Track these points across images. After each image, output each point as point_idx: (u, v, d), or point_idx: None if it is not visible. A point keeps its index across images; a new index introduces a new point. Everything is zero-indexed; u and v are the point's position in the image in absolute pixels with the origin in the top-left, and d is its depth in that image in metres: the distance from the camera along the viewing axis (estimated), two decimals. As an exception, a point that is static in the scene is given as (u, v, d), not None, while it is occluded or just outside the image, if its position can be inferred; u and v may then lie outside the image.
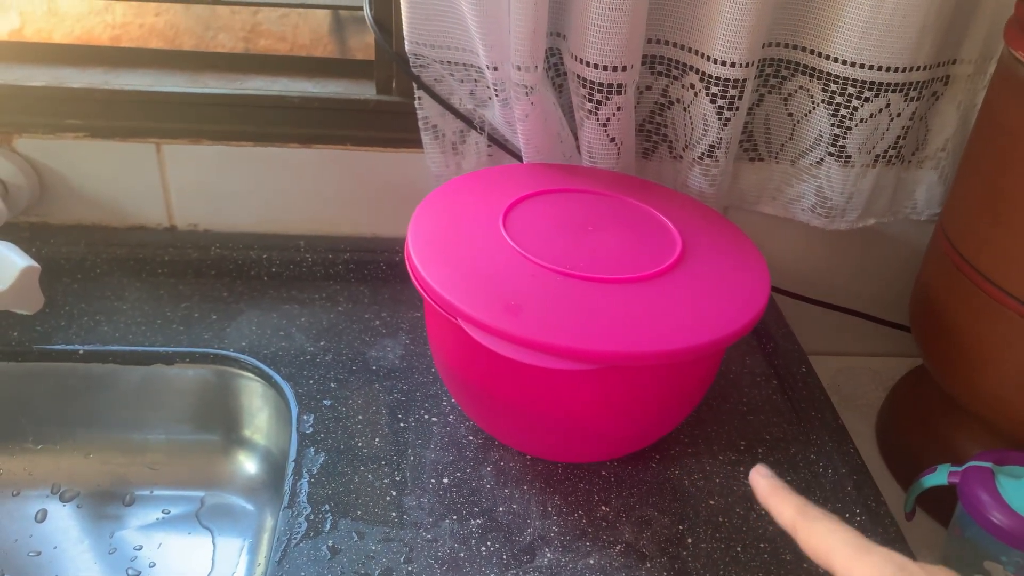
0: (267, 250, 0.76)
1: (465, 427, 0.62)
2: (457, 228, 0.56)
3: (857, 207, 0.73)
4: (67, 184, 0.74)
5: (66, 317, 0.70)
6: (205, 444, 0.70)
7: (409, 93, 0.69)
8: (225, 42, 0.79)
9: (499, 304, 0.49)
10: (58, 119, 0.71)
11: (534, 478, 0.58)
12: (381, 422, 0.62)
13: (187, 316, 0.71)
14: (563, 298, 0.50)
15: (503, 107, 0.65)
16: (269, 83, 0.74)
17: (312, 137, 0.73)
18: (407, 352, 0.69)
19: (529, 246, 0.54)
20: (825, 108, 0.68)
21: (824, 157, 0.70)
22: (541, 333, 0.47)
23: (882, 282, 0.83)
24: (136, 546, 0.65)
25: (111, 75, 0.73)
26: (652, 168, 0.74)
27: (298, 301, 0.74)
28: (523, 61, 0.60)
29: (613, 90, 0.63)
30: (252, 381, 0.67)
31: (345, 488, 0.56)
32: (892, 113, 0.67)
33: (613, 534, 0.55)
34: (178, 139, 0.72)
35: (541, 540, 0.54)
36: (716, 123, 0.66)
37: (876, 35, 0.63)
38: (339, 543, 0.52)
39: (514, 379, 0.51)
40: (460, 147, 0.71)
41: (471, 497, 0.56)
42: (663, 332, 0.48)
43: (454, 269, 0.51)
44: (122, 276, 0.75)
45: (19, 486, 0.68)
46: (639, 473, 0.59)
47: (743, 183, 0.75)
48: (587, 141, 0.67)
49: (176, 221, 0.77)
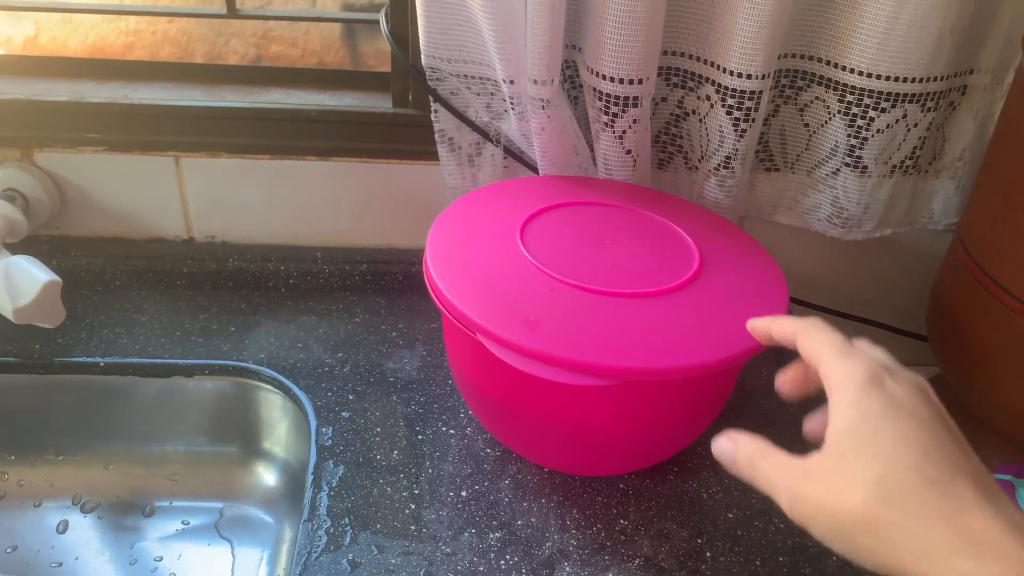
0: (284, 262, 0.76)
1: (483, 439, 0.62)
2: (475, 242, 0.56)
3: (874, 217, 0.72)
4: (87, 197, 0.74)
5: (86, 329, 0.70)
6: (224, 456, 0.71)
7: (425, 106, 0.69)
8: (237, 48, 0.80)
9: (517, 319, 0.49)
10: (78, 133, 0.71)
11: (552, 491, 0.58)
12: (399, 434, 0.62)
13: (205, 328, 0.71)
14: (581, 313, 0.50)
15: (519, 120, 0.66)
16: (285, 95, 0.74)
17: (329, 150, 0.73)
18: (424, 363, 0.69)
19: (547, 260, 0.54)
20: (841, 119, 0.68)
21: (840, 167, 0.70)
22: (560, 348, 0.47)
23: (899, 292, 0.83)
24: (156, 557, 0.66)
25: (129, 89, 0.73)
26: (667, 179, 0.74)
27: (315, 312, 0.74)
28: (539, 75, 0.61)
29: (629, 103, 0.63)
30: (271, 393, 0.67)
31: (364, 501, 0.56)
32: (909, 123, 0.67)
33: (632, 548, 0.55)
34: (196, 152, 0.73)
35: (560, 554, 0.54)
36: (732, 134, 0.66)
37: (893, 46, 0.63)
38: (359, 557, 0.52)
39: (532, 393, 0.52)
40: (476, 159, 0.71)
41: (489, 510, 0.56)
42: (682, 347, 0.48)
43: (472, 283, 0.52)
44: (141, 288, 0.76)
45: (41, 497, 0.69)
46: (657, 486, 0.59)
47: (759, 193, 0.75)
48: (603, 153, 0.67)
49: (194, 233, 0.77)
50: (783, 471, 0.36)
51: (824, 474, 0.34)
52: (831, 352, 0.37)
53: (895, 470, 0.33)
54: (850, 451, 0.34)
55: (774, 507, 0.57)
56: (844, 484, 0.33)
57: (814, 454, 0.36)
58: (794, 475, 0.36)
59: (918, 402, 0.35)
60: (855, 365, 0.36)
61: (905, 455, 0.33)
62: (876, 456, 0.33)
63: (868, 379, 0.35)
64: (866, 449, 0.33)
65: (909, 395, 0.35)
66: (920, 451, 0.33)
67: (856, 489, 0.33)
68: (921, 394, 0.35)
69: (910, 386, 0.36)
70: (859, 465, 0.33)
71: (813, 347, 0.39)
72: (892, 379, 0.35)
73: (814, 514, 0.34)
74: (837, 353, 0.37)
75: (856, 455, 0.34)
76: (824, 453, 0.35)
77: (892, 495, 0.32)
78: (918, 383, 0.36)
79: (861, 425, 0.34)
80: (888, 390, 0.35)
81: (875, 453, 0.33)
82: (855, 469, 0.33)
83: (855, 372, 0.36)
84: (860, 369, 0.36)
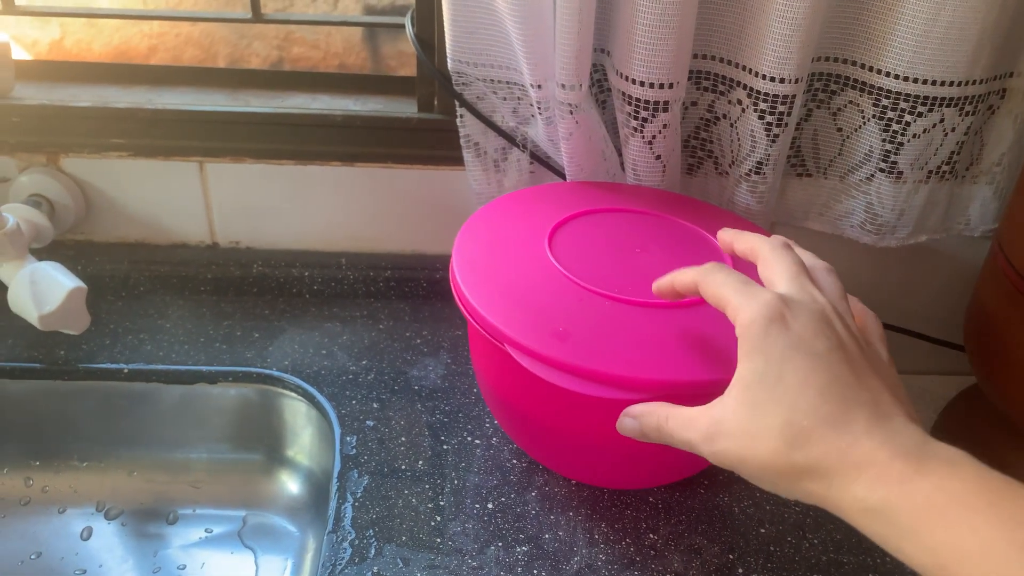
0: (309, 268, 0.76)
1: (508, 450, 0.61)
2: (502, 250, 0.55)
3: (908, 224, 0.71)
4: (111, 202, 0.74)
5: (110, 335, 0.70)
6: (247, 463, 0.70)
7: (451, 111, 0.69)
8: (260, 51, 0.80)
9: (546, 330, 0.48)
10: (103, 138, 0.71)
11: (580, 504, 0.57)
12: (424, 444, 0.61)
13: (229, 334, 0.71)
14: (611, 323, 0.49)
15: (547, 125, 0.64)
16: (309, 100, 0.74)
17: (353, 155, 0.72)
18: (448, 371, 0.68)
19: (576, 269, 0.53)
20: (876, 123, 0.66)
21: (875, 173, 0.68)
22: (591, 360, 0.46)
23: (934, 300, 0.81)
24: (179, 565, 0.65)
25: (153, 94, 0.73)
26: (697, 184, 0.73)
27: (340, 319, 0.74)
28: (568, 80, 0.60)
29: (659, 107, 0.62)
30: (295, 400, 0.67)
31: (389, 512, 0.55)
32: (946, 128, 0.65)
33: (662, 563, 0.53)
34: (221, 157, 0.72)
35: (588, 568, 0.53)
36: (764, 139, 0.65)
37: (931, 49, 0.61)
38: (384, 570, 0.52)
39: (562, 406, 0.51)
40: (502, 164, 0.71)
41: (516, 523, 0.55)
42: (714, 359, 0.47)
43: (500, 293, 0.51)
44: (165, 294, 0.75)
45: (65, 503, 0.69)
46: (687, 500, 0.58)
47: (790, 199, 0.73)
48: (632, 159, 0.66)
49: (218, 239, 0.77)
50: (694, 427, 0.39)
51: (738, 426, 0.37)
52: (733, 295, 0.39)
53: (796, 415, 0.35)
54: (759, 400, 0.36)
55: (808, 522, 0.56)
56: (756, 435, 0.36)
57: (724, 400, 0.38)
58: (707, 429, 0.38)
59: (816, 335, 0.37)
60: (756, 308, 0.38)
61: (804, 398, 0.35)
62: (781, 403, 0.36)
63: (768, 321, 0.37)
64: (772, 397, 0.36)
65: (808, 330, 0.37)
66: (816, 391, 0.35)
67: (766, 439, 0.36)
68: (819, 324, 0.37)
69: (808, 318, 0.37)
70: (767, 415, 0.36)
71: (716, 291, 0.40)
72: (791, 314, 0.37)
73: (736, 464, 0.37)
74: (739, 295, 0.39)
75: (764, 404, 0.36)
76: (736, 401, 0.37)
77: (795, 440, 0.35)
78: (817, 311, 0.38)
79: (766, 370, 0.36)
80: (788, 328, 0.37)
81: (779, 401, 0.36)
82: (764, 419, 0.36)
83: (756, 315, 0.37)
84: (760, 311, 0.37)
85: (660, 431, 0.41)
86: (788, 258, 0.41)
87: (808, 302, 0.38)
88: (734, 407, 0.37)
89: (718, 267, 0.42)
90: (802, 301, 0.38)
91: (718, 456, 0.38)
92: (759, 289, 0.39)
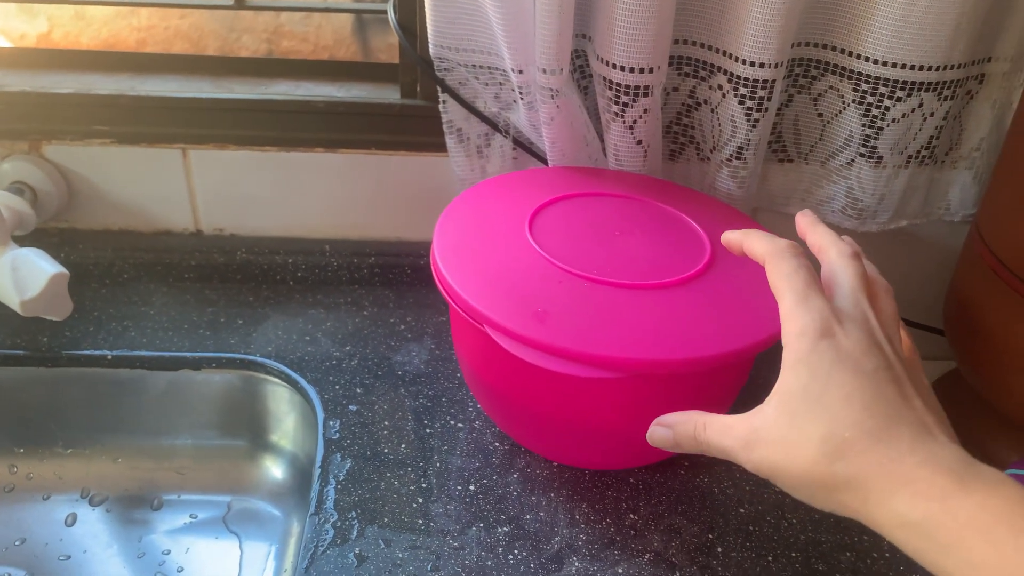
0: (292, 255, 0.76)
1: (491, 433, 0.61)
2: (483, 234, 0.55)
3: (889, 208, 0.71)
4: (95, 190, 0.74)
5: (94, 323, 0.70)
6: (232, 449, 0.70)
7: (434, 97, 0.69)
8: (249, 44, 0.80)
9: (526, 311, 0.48)
10: (86, 125, 0.71)
11: (561, 485, 0.58)
12: (407, 428, 0.62)
13: (213, 321, 0.71)
14: (591, 304, 0.49)
15: (528, 110, 0.65)
16: (293, 87, 0.74)
17: (337, 142, 0.72)
18: (432, 357, 0.68)
19: (556, 251, 0.53)
20: (856, 108, 0.67)
21: (855, 158, 0.69)
22: (569, 340, 0.46)
23: (914, 284, 0.81)
24: (164, 550, 0.65)
25: (137, 81, 0.73)
26: (679, 170, 0.73)
27: (323, 306, 0.74)
28: (549, 64, 0.60)
29: (640, 92, 0.63)
30: (278, 386, 0.67)
31: (372, 495, 0.56)
32: (925, 113, 0.66)
33: (642, 543, 0.54)
34: (204, 144, 0.72)
35: (569, 548, 0.53)
36: (745, 124, 0.65)
37: (909, 34, 0.61)
38: (366, 551, 0.52)
39: (541, 386, 0.51)
40: (485, 150, 0.71)
41: (498, 504, 0.56)
42: (693, 339, 0.48)
43: (480, 276, 0.51)
44: (149, 281, 0.75)
45: (49, 490, 0.69)
46: (667, 480, 0.58)
47: (772, 185, 0.74)
48: (613, 144, 0.66)
49: (202, 226, 0.77)
50: (732, 434, 0.38)
51: (777, 435, 0.37)
52: (789, 296, 0.39)
53: (838, 427, 0.35)
54: (800, 411, 0.36)
55: (787, 502, 0.57)
56: (795, 444, 0.36)
57: (764, 409, 0.37)
58: (746, 437, 0.38)
59: (865, 354, 0.37)
60: (807, 320, 0.37)
61: (848, 412, 0.35)
62: (822, 415, 0.35)
63: (818, 334, 0.37)
64: (814, 409, 0.36)
65: (856, 348, 0.37)
66: (862, 406, 0.35)
67: (806, 449, 0.35)
68: (869, 344, 0.37)
69: (859, 337, 0.37)
70: (808, 425, 0.36)
71: (777, 282, 0.40)
72: (843, 331, 0.37)
73: (773, 473, 0.37)
74: (795, 299, 0.38)
75: (805, 415, 0.36)
76: (777, 411, 0.37)
77: (836, 451, 0.35)
78: (868, 331, 0.38)
79: (811, 383, 0.36)
80: (837, 344, 0.37)
81: (822, 412, 0.35)
82: (804, 429, 0.36)
83: (806, 328, 0.37)
84: (812, 325, 0.37)
85: (696, 439, 0.40)
86: (853, 270, 0.41)
87: (861, 320, 0.38)
88: (775, 416, 0.37)
89: (791, 254, 0.40)
90: (855, 318, 0.38)
91: (756, 464, 0.37)
92: (815, 298, 0.38)
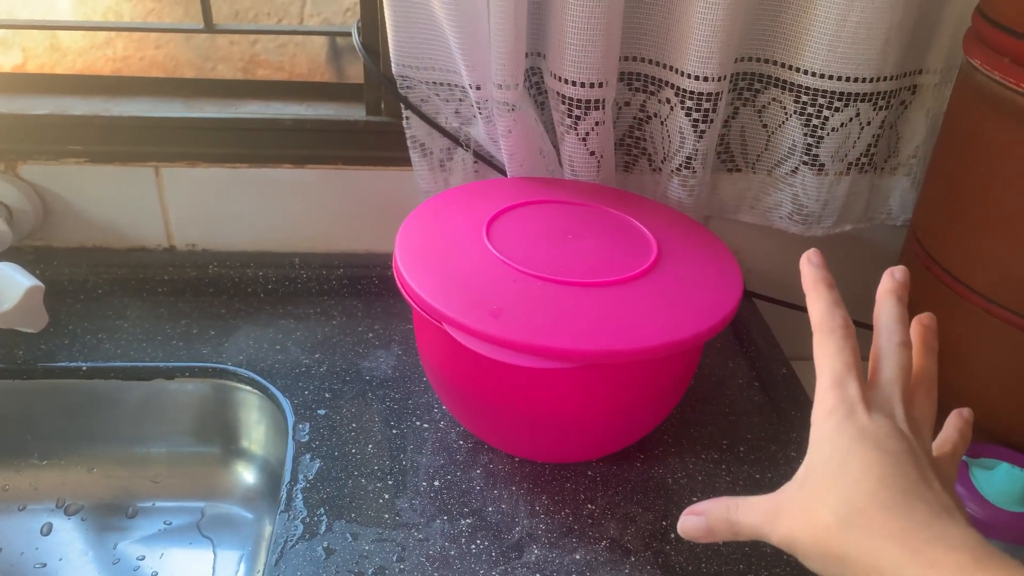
0: (263, 268, 0.78)
1: (455, 432, 0.64)
2: (442, 239, 0.58)
3: (833, 214, 0.75)
4: (69, 208, 0.76)
5: (69, 336, 0.72)
6: (205, 456, 0.72)
7: (397, 113, 0.72)
8: (224, 73, 0.82)
9: (482, 309, 0.51)
10: (60, 145, 0.73)
11: (522, 479, 0.60)
12: (374, 429, 0.64)
13: (186, 332, 0.73)
14: (544, 302, 0.52)
15: (487, 124, 0.68)
16: (263, 107, 0.77)
17: (305, 158, 0.75)
18: (399, 363, 0.71)
19: (511, 254, 0.56)
20: (798, 119, 0.70)
21: (799, 166, 0.73)
22: (522, 335, 0.49)
23: (862, 286, 0.85)
24: (139, 556, 0.67)
25: (111, 103, 0.75)
26: (633, 181, 0.76)
27: (293, 316, 0.76)
28: (504, 80, 0.63)
29: (591, 105, 0.66)
30: (249, 394, 0.69)
31: (339, 492, 0.58)
32: (862, 122, 0.70)
33: (599, 530, 0.56)
34: (176, 162, 0.75)
35: (529, 537, 0.55)
36: (692, 135, 0.69)
37: (842, 47, 0.66)
38: (334, 544, 0.54)
39: (499, 380, 0.54)
40: (447, 164, 0.74)
41: (461, 498, 0.58)
42: (640, 330, 0.51)
43: (440, 278, 0.54)
44: (123, 296, 0.77)
45: (25, 500, 0.70)
46: (624, 472, 0.61)
47: (722, 193, 0.78)
48: (568, 155, 0.69)
49: (175, 242, 0.79)
50: (760, 512, 0.40)
51: (798, 505, 0.38)
52: (828, 378, 0.40)
53: (855, 495, 0.36)
54: (820, 481, 0.37)
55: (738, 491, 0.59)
56: (813, 511, 0.37)
57: (789, 485, 0.39)
58: (771, 512, 0.39)
59: (887, 437, 0.38)
60: (839, 401, 0.39)
61: (865, 482, 0.36)
62: (841, 485, 0.36)
63: (845, 417, 0.38)
64: (833, 479, 0.37)
65: (880, 430, 0.38)
66: (879, 479, 0.36)
67: (822, 515, 0.36)
68: (892, 429, 0.38)
69: (882, 423, 0.38)
70: (826, 494, 0.37)
71: (819, 359, 0.41)
72: (868, 414, 0.39)
73: (792, 543, 0.38)
74: (832, 381, 0.40)
75: (825, 485, 0.37)
76: (799, 485, 0.38)
77: (850, 518, 0.35)
78: (892, 422, 0.39)
79: (832, 456, 0.38)
80: (859, 424, 0.38)
81: (840, 482, 0.36)
82: (823, 497, 0.37)
83: (836, 409, 0.39)
84: (841, 407, 0.39)
85: (728, 521, 0.41)
86: (897, 360, 0.42)
87: (888, 412, 0.39)
88: (796, 489, 0.38)
89: (842, 335, 0.41)
90: (885, 411, 0.39)
91: (780, 536, 0.38)
92: (851, 384, 0.40)
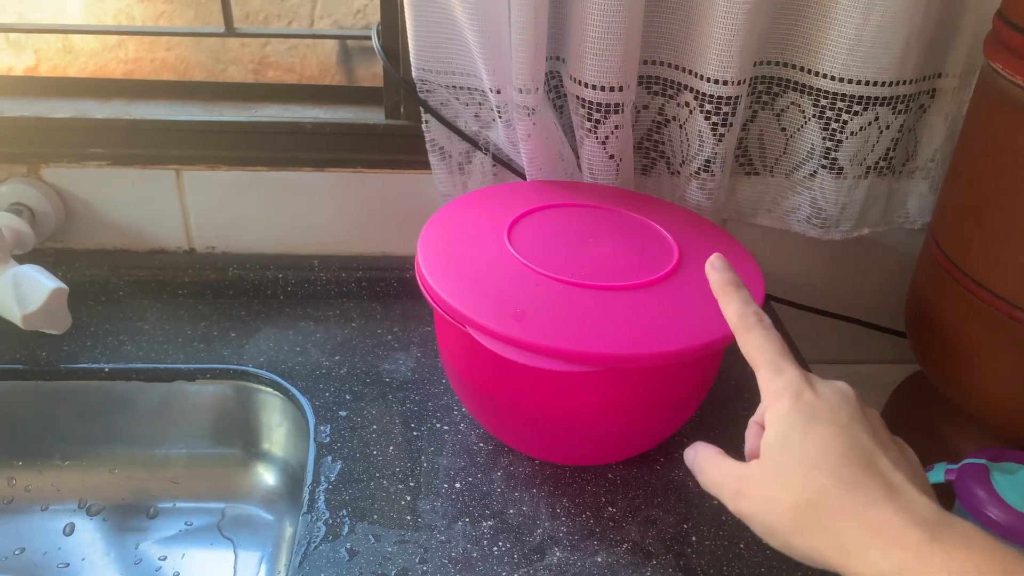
0: (283, 270, 0.79)
1: (476, 435, 0.64)
2: (464, 242, 0.58)
3: (851, 217, 0.75)
4: (91, 210, 0.77)
5: (91, 337, 0.72)
6: (225, 457, 0.73)
7: (416, 117, 0.72)
8: (235, 75, 0.83)
9: (505, 312, 0.51)
10: (82, 148, 0.74)
11: (543, 481, 0.60)
12: (395, 431, 0.64)
13: (207, 334, 0.74)
14: (566, 305, 0.52)
15: (506, 128, 0.68)
16: (281, 110, 0.77)
17: (324, 161, 0.76)
18: (419, 365, 0.71)
19: (533, 257, 0.56)
20: (816, 122, 0.71)
21: (817, 169, 0.73)
22: (545, 338, 0.49)
23: (879, 290, 0.85)
24: (160, 557, 0.67)
25: (131, 106, 0.76)
26: (651, 184, 0.77)
27: (313, 318, 0.77)
28: (524, 84, 0.63)
29: (611, 109, 0.66)
30: (270, 395, 0.70)
31: (361, 494, 0.58)
32: (881, 126, 0.70)
33: (620, 533, 0.57)
34: (196, 165, 0.75)
35: (550, 540, 0.56)
36: (711, 139, 0.69)
37: (862, 51, 0.66)
38: (357, 546, 0.54)
39: (521, 384, 0.54)
40: (466, 167, 0.74)
41: (482, 500, 0.58)
42: (662, 335, 0.51)
43: (462, 280, 0.54)
44: (144, 298, 0.78)
45: (47, 501, 0.71)
46: (644, 475, 0.61)
47: (740, 197, 0.78)
48: (587, 158, 0.70)
49: (195, 244, 0.80)
50: (725, 474, 0.41)
51: (760, 481, 0.39)
52: (765, 366, 0.41)
53: (816, 474, 0.37)
54: (781, 460, 0.38)
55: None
56: (776, 489, 0.38)
57: (752, 462, 0.40)
58: (735, 478, 0.40)
59: (838, 408, 0.39)
60: (783, 384, 0.40)
61: (824, 460, 0.37)
62: (801, 463, 0.37)
63: (795, 394, 0.39)
64: (794, 458, 0.38)
65: (830, 403, 0.39)
66: (837, 455, 0.37)
67: (786, 493, 0.37)
68: (843, 399, 0.40)
69: (831, 394, 0.40)
70: (788, 472, 0.38)
71: (750, 352, 0.42)
72: (814, 390, 0.40)
73: (751, 515, 0.39)
74: (770, 369, 0.41)
75: (786, 463, 0.38)
76: (761, 462, 0.39)
77: (813, 497, 0.36)
78: (839, 389, 0.40)
79: (790, 436, 0.38)
80: (809, 401, 0.39)
81: (801, 461, 0.38)
82: (785, 476, 0.38)
83: (783, 391, 0.40)
84: (787, 388, 0.40)
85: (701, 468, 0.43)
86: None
87: (831, 382, 0.41)
88: (759, 468, 0.39)
89: (760, 324, 0.42)
90: (828, 382, 0.41)
91: (737, 503, 0.40)
92: (788, 366, 0.41)
